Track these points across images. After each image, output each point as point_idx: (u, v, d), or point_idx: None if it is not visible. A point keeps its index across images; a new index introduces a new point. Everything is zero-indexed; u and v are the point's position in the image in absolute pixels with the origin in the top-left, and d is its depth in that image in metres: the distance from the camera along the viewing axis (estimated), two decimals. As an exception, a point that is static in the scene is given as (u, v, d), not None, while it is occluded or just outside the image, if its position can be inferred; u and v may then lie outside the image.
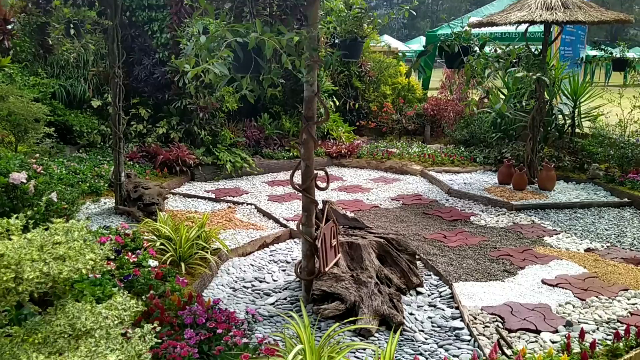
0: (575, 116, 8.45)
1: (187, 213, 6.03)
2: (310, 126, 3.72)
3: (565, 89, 8.58)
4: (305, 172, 3.80)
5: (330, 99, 9.72)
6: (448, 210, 6.73)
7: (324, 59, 3.60)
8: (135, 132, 7.97)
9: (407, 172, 8.80)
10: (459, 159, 8.90)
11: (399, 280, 4.27)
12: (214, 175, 7.93)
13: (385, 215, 6.48)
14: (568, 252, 5.31)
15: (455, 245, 5.46)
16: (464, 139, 9.57)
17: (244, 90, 3.20)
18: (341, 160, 9.26)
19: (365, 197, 7.32)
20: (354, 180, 8.35)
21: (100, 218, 5.65)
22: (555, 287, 4.49)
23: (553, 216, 6.51)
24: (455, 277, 4.68)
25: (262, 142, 8.82)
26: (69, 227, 1.78)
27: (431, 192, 7.61)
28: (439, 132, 10.62)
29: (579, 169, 8.20)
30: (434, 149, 9.53)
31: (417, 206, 6.93)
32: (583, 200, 6.99)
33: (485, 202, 7.02)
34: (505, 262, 5.05)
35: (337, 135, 9.75)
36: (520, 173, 7.54)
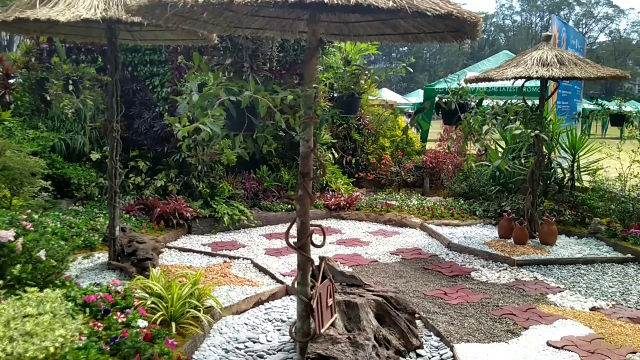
0: (574, 170, 8.43)
1: (181, 268, 5.91)
2: (306, 182, 3.67)
3: (563, 143, 8.60)
4: (300, 229, 3.72)
5: (329, 151, 9.74)
6: (448, 265, 6.60)
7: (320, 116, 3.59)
8: (133, 184, 7.93)
9: (407, 225, 8.71)
10: (459, 212, 8.83)
11: (398, 341, 4.12)
12: (212, 228, 7.84)
13: (384, 271, 6.35)
14: (573, 311, 5.15)
15: (456, 303, 5.31)
16: (463, 192, 9.53)
17: (237, 148, 3.17)
18: (340, 212, 9.19)
19: (364, 251, 7.20)
20: (352, 233, 8.24)
21: (92, 274, 5.52)
22: (561, 349, 4.33)
23: (556, 272, 6.37)
24: (457, 338, 4.51)
25: (261, 194, 8.77)
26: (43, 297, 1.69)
27: (431, 246, 7.50)
28: (438, 184, 10.59)
29: (580, 223, 8.11)
30: (433, 202, 9.47)
31: (416, 261, 6.80)
32: (586, 256, 6.87)
33: (486, 257, 6.90)
34: (508, 321, 4.89)
35: (335, 187, 9.72)
36: (520, 227, 7.44)
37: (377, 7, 2.62)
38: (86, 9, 4.36)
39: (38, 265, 3.34)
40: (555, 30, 10.02)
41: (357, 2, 2.57)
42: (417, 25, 3.71)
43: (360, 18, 3.94)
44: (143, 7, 2.90)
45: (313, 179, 3.74)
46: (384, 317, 4.25)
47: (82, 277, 5.38)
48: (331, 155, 9.71)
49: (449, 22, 3.10)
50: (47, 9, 4.37)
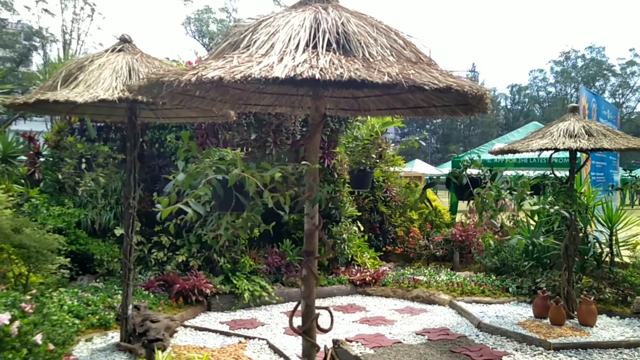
0: (612, 244, 7.98)
1: (194, 349, 5.70)
2: (310, 261, 3.52)
3: (599, 216, 8.21)
4: (305, 313, 3.53)
5: (355, 224, 9.57)
6: (478, 348, 6.17)
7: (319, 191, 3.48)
8: (156, 259, 7.90)
9: (435, 302, 8.31)
10: (490, 288, 8.40)
11: None
12: (232, 304, 7.64)
13: (408, 353, 5.97)
14: (615, 404, 4.66)
15: (485, 392, 4.89)
16: (495, 267, 9.12)
17: (221, 230, 3.07)
18: (365, 288, 8.88)
19: (388, 330, 6.84)
20: (377, 310, 7.90)
21: (102, 355, 5.37)
22: None
23: (596, 357, 5.86)
24: None
25: (284, 269, 8.59)
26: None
27: (460, 326, 7.07)
28: (469, 258, 10.19)
29: (622, 302, 7.56)
30: (463, 277, 9.07)
31: (443, 342, 6.39)
32: (629, 339, 6.33)
33: (519, 339, 6.43)
34: (541, 414, 4.44)
35: (361, 261, 9.46)
36: (557, 307, 6.98)
37: (371, 82, 2.57)
38: (104, 90, 4.49)
39: (33, 350, 3.24)
40: (585, 101, 9.87)
41: (350, 77, 2.52)
42: (425, 100, 3.65)
43: (369, 93, 3.92)
44: (143, 87, 2.94)
45: (318, 258, 3.59)
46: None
47: (92, 359, 5.24)
48: (356, 229, 9.53)
49: (453, 95, 3.02)
50: (68, 90, 4.53)
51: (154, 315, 5.85)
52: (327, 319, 3.98)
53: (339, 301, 8.42)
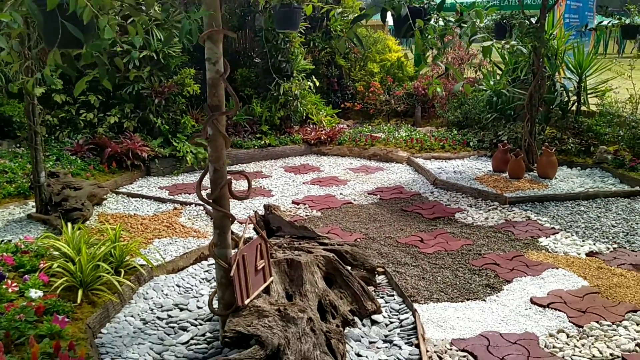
0: (580, 92, 7.47)
1: (123, 218, 5.23)
2: (216, 118, 2.87)
3: (569, 62, 7.58)
4: (214, 179, 2.96)
5: (309, 79, 8.81)
6: (431, 205, 5.86)
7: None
8: (85, 121, 7.14)
9: (393, 159, 7.92)
10: (451, 143, 7.99)
11: (350, 306, 3.44)
12: (174, 168, 7.11)
13: (357, 214, 5.63)
14: (566, 258, 4.43)
15: (433, 252, 4.61)
16: (457, 121, 8.65)
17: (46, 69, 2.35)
18: (320, 147, 8.39)
19: (339, 191, 6.46)
20: (332, 170, 7.48)
21: (17, 226, 4.86)
22: (546, 307, 3.64)
23: (552, 210, 5.61)
24: (426, 297, 3.83)
25: (231, 130, 7.97)
26: None
27: (415, 184, 6.73)
28: (432, 113, 9.67)
29: (585, 152, 7.26)
30: (423, 133, 8.62)
31: (395, 201, 6.06)
32: (588, 190, 6.08)
33: (475, 194, 6.13)
34: (489, 273, 4.19)
35: (317, 119, 8.87)
36: (516, 159, 6.63)
37: None
38: None
39: None
40: None
41: None
42: None
43: None
44: None
45: (225, 113, 2.93)
46: (335, 277, 3.56)
47: (5, 231, 4.73)
48: (311, 84, 8.78)
49: None
50: None
51: (77, 183, 5.28)
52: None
53: (291, 162, 7.96)
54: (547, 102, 7.67)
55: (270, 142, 7.98)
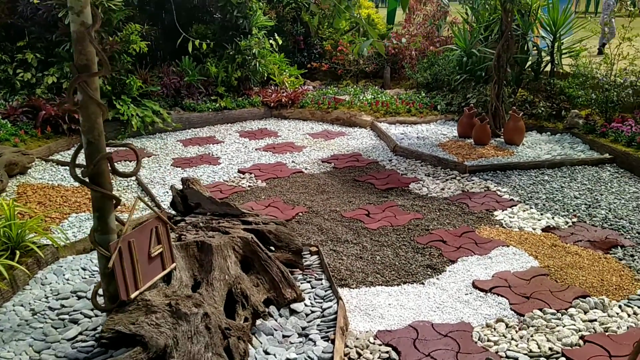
0: (554, 52, 7.01)
1: (44, 189, 4.80)
2: (84, 80, 2.41)
3: (543, 19, 7.08)
4: (88, 152, 2.52)
5: (271, 37, 8.25)
6: (386, 175, 5.47)
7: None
8: (22, 81, 6.61)
9: (356, 124, 7.48)
10: (418, 106, 7.55)
11: (267, 294, 3.08)
12: (117, 133, 6.64)
13: (305, 184, 5.24)
14: (520, 234, 4.09)
15: (377, 227, 4.25)
16: (427, 82, 8.17)
17: None
18: (281, 111, 7.92)
19: (292, 159, 6.05)
20: (290, 136, 7.04)
21: None
22: (488, 292, 3.31)
23: (514, 180, 5.25)
24: (359, 280, 3.49)
25: (184, 91, 7.46)
26: None
27: (375, 151, 6.33)
28: (402, 74, 9.17)
29: (556, 117, 6.86)
30: (391, 95, 8.15)
31: (350, 170, 5.66)
32: (555, 158, 5.71)
33: (434, 162, 5.75)
34: (433, 252, 3.84)
35: (279, 80, 8.36)
36: (482, 124, 6.22)
37: None
38: None
39: None
40: None
41: None
42: None
43: None
44: None
45: (96, 75, 2.47)
46: (253, 260, 3.19)
47: None
48: (273, 42, 8.22)
49: None
50: None
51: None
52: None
53: (249, 126, 7.50)
54: (519, 63, 7.22)
55: (226, 105, 7.49)
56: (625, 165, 5.43)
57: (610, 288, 3.30)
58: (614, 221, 4.27)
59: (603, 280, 3.39)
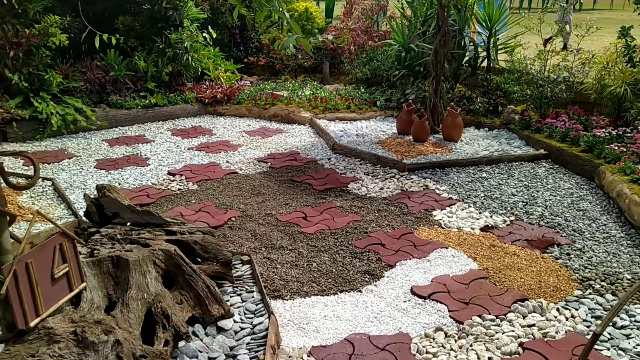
0: (490, 47, 7.04)
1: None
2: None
3: (479, 15, 7.10)
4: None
5: (205, 30, 7.89)
6: (324, 174, 5.29)
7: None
8: None
9: (295, 120, 7.27)
10: (357, 102, 7.41)
11: (192, 311, 2.83)
12: (36, 133, 6.14)
13: (239, 186, 4.98)
14: (459, 235, 4.00)
15: (314, 231, 4.05)
16: (366, 78, 8.06)
17: None
18: (217, 107, 7.59)
19: (226, 158, 5.77)
20: (225, 133, 6.74)
21: None
22: (427, 299, 3.18)
23: (452, 177, 5.19)
24: (293, 290, 3.28)
25: (110, 87, 7.00)
26: None
27: (314, 149, 6.14)
28: (341, 69, 9.02)
29: (493, 112, 6.90)
30: (330, 91, 7.99)
31: (287, 170, 5.45)
32: (492, 154, 5.70)
33: (374, 160, 5.62)
34: (371, 256, 3.69)
35: (214, 75, 8.01)
36: (420, 121, 6.15)
37: None
38: None
39: None
40: None
41: None
42: None
43: None
44: None
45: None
46: (177, 275, 2.92)
47: None
48: (207, 36, 7.87)
49: None
50: None
51: None
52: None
53: (181, 124, 7.14)
54: (457, 58, 7.21)
55: (157, 102, 7.09)
56: (560, 161, 5.49)
57: (548, 290, 3.25)
58: (550, 218, 4.27)
59: (541, 281, 3.34)
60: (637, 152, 4.82)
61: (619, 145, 5.07)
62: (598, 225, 4.14)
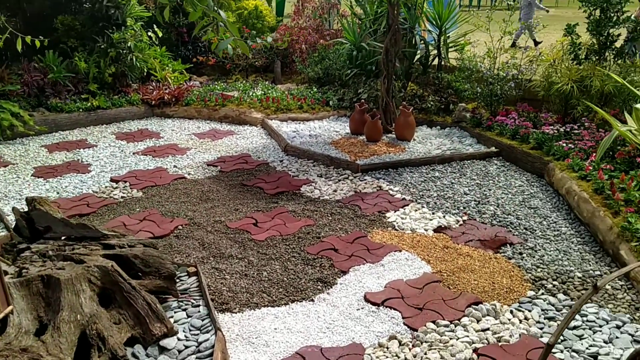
0: (440, 45, 7.05)
1: None
2: None
3: (429, 13, 7.10)
4: None
5: (150, 29, 7.59)
6: (276, 177, 5.15)
7: None
8: None
9: (246, 122, 7.09)
10: (310, 102, 7.29)
11: (132, 331, 2.65)
12: (-32, 141, 5.75)
13: (187, 192, 4.78)
14: (412, 237, 3.94)
15: (265, 238, 3.91)
16: (318, 77, 7.95)
17: None
18: (164, 109, 7.33)
19: (173, 163, 5.55)
20: (173, 136, 6.50)
21: None
22: (381, 306, 3.09)
23: (406, 177, 5.14)
24: (242, 302, 3.13)
25: (49, 90, 6.64)
26: None
27: (265, 150, 5.98)
28: (293, 68, 8.89)
29: (445, 110, 6.92)
30: (282, 91, 7.84)
31: (238, 173, 5.28)
32: (444, 153, 5.69)
33: (327, 162, 5.52)
34: (324, 263, 3.58)
35: (161, 76, 7.74)
36: (373, 121, 6.09)
37: None
38: None
39: None
40: None
41: None
42: None
43: None
44: None
45: None
46: (114, 292, 2.73)
47: None
48: (153, 35, 7.58)
49: None
50: None
51: None
52: None
53: (127, 127, 6.84)
54: (408, 57, 7.20)
55: (99, 104, 6.78)
56: (511, 158, 5.53)
57: (502, 291, 3.21)
58: (503, 217, 4.26)
59: (494, 283, 3.30)
60: (584, 149, 4.90)
61: (567, 142, 5.13)
62: (549, 222, 4.16)
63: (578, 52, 5.78)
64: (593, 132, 5.31)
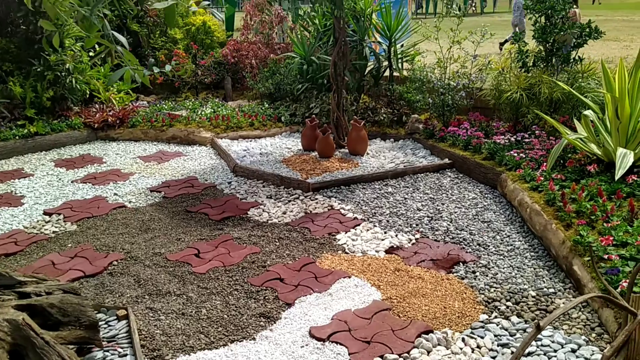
0: (391, 56, 6.95)
1: None
2: None
3: (378, 24, 7.00)
4: None
5: (92, 49, 7.28)
6: (223, 201, 4.91)
7: None
8: None
9: (195, 142, 6.84)
10: (261, 119, 7.09)
11: (45, 392, 2.37)
12: None
13: (126, 222, 4.50)
14: (363, 260, 3.76)
15: (207, 270, 3.67)
16: (269, 92, 7.76)
17: None
18: (109, 132, 7.01)
19: (114, 190, 5.25)
20: (117, 161, 6.20)
21: None
22: (326, 341, 2.89)
23: (358, 194, 4.98)
24: (177, 345, 2.88)
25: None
26: None
27: (214, 172, 5.74)
28: (245, 84, 8.67)
29: (398, 122, 6.81)
30: (232, 108, 7.62)
31: (182, 198, 5.02)
32: (397, 167, 5.56)
33: (277, 182, 5.31)
34: (268, 295, 3.36)
35: (105, 97, 7.41)
36: (324, 137, 5.92)
37: None
38: None
39: None
40: None
41: None
42: None
43: None
44: None
45: None
46: (26, 349, 2.45)
47: None
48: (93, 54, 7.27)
49: None
50: None
51: None
52: None
53: (68, 153, 6.50)
54: (359, 69, 7.08)
55: (37, 130, 6.42)
56: (464, 170, 5.43)
57: (453, 317, 3.05)
58: (456, 233, 4.13)
59: (446, 307, 3.14)
60: (536, 158, 4.83)
61: (518, 151, 5.06)
62: (502, 237, 4.05)
63: (526, 59, 5.75)
64: (544, 141, 5.26)
